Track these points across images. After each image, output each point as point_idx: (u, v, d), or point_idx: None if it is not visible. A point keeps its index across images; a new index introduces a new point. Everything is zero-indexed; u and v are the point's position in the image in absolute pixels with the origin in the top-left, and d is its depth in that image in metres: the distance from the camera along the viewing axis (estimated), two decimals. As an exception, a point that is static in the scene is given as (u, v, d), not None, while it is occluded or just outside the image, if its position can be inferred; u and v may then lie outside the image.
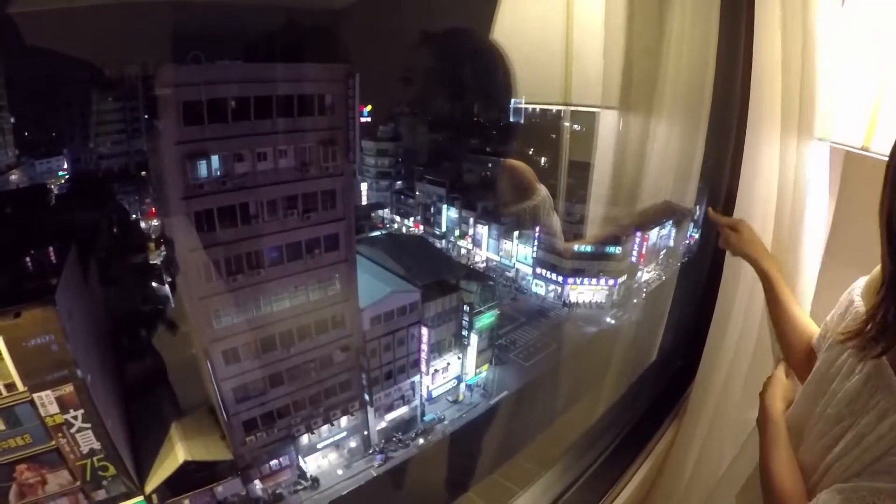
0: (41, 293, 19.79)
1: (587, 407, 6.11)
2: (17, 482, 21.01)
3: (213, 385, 25.41)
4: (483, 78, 61.54)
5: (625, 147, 6.54)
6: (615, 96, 5.89)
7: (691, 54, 5.12)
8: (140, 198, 47.50)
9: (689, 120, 5.64)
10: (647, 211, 6.08)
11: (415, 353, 30.75)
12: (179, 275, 27.35)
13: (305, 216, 25.12)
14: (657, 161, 6.08)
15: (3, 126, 45.03)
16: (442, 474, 8.88)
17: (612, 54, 5.57)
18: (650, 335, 6.03)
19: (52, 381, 19.98)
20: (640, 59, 5.47)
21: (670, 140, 5.94)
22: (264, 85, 23.55)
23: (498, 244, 50.32)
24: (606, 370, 6.67)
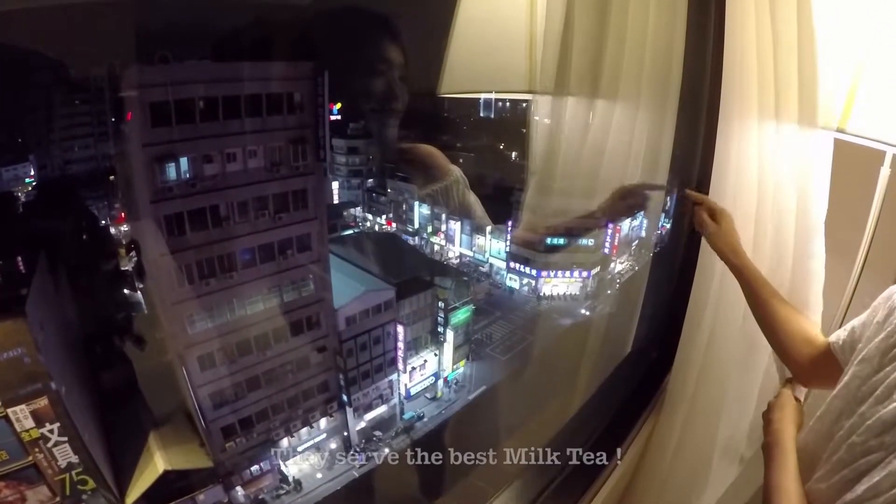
0: (10, 304, 20.26)
1: (564, 401, 6.19)
2: None
3: (189, 391, 25.01)
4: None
5: (565, 136, 6.53)
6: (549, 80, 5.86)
7: (654, 32, 5.15)
8: (109, 203, 46.63)
9: (652, 105, 5.67)
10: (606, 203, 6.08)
11: (391, 351, 30.64)
12: (151, 280, 27.55)
13: (277, 217, 24.68)
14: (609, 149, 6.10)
15: (-35, 134, 43.83)
16: (419, 476, 8.83)
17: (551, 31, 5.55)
18: (624, 327, 6.11)
19: (25, 395, 20.48)
20: (583, 37, 5.46)
21: (627, 126, 5.97)
22: (232, 84, 23.16)
23: (471, 239, 49.61)
24: (582, 364, 6.73)
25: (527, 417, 7.08)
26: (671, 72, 5.15)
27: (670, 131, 5.53)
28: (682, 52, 4.99)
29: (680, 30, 4.89)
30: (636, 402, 5.07)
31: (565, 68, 5.60)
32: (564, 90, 5.92)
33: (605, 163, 6.29)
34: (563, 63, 5.53)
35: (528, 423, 6.80)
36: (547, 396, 6.94)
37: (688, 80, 5.06)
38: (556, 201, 8.36)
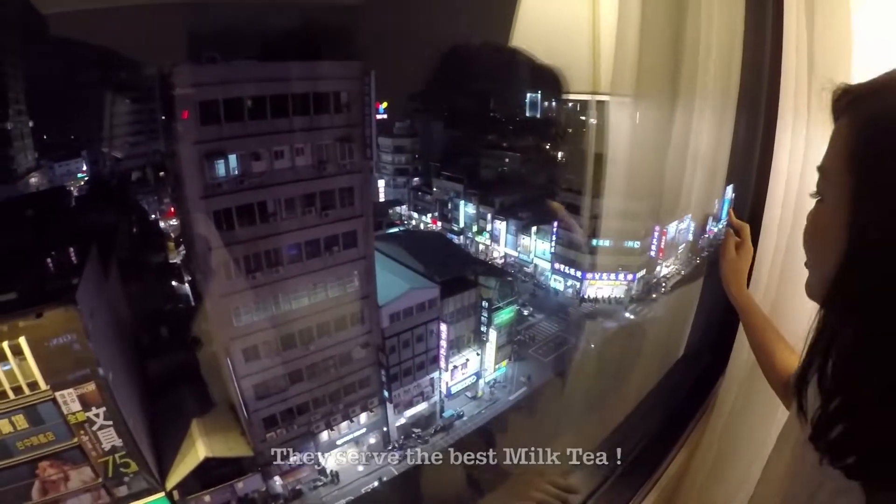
0: (62, 293, 20.53)
1: (612, 404, 6.02)
2: (39, 479, 21.70)
3: (233, 382, 25.69)
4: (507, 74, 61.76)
5: (641, 139, 6.40)
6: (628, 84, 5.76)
7: (717, 40, 5.02)
8: (159, 198, 47.97)
9: (714, 109, 5.53)
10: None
11: (434, 349, 30.76)
12: (199, 273, 27.85)
13: (323, 214, 25.33)
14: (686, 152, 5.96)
15: (22, 130, 45.77)
16: (460, 475, 8.72)
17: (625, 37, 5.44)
18: (677, 330, 5.92)
19: (74, 380, 20.69)
20: (656, 45, 5.35)
21: (693, 131, 5.81)
22: (280, 83, 23.63)
23: (516, 239, 50.60)
24: (630, 367, 6.59)
25: (572, 419, 6.95)
26: (731, 76, 5.02)
27: (729, 135, 5.39)
28: (740, 57, 4.86)
29: (738, 37, 4.76)
30: (688, 405, 4.91)
31: (636, 71, 5.49)
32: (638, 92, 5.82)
33: (672, 164, 6.14)
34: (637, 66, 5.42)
35: (574, 424, 6.68)
36: (592, 401, 6.82)
37: (746, 84, 4.91)
38: (629, 203, 8.22)
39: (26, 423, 20.68)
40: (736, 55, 4.84)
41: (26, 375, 20.03)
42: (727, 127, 5.41)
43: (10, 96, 45.18)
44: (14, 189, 43.38)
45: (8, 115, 45.14)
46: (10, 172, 45.18)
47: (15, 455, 20.99)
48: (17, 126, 46.52)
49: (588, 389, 7.32)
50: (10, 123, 45.36)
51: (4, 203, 37.07)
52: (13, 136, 45.81)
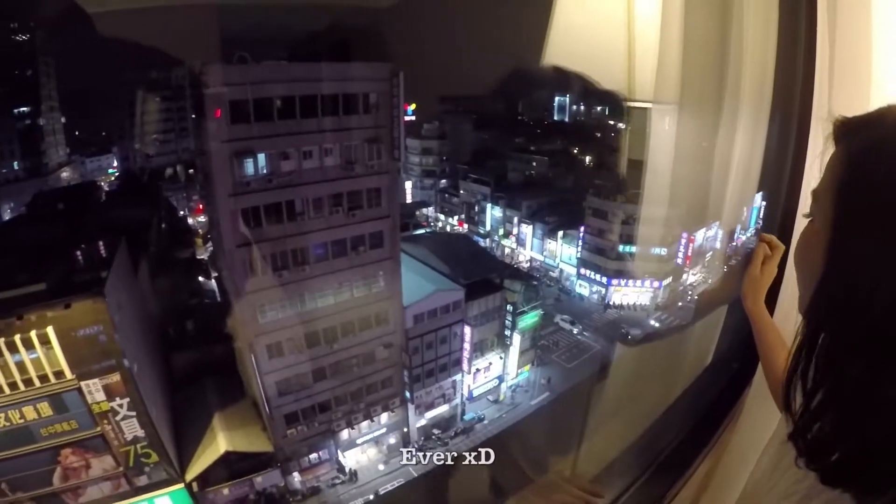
0: (91, 285, 20.91)
1: (637, 411, 5.97)
2: (61, 465, 22.07)
3: (256, 378, 26.00)
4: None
5: (682, 145, 6.36)
6: (672, 91, 5.72)
7: (752, 51, 4.98)
8: (188, 194, 48.68)
9: (748, 117, 5.49)
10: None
11: (457, 351, 30.78)
12: (226, 270, 28.17)
13: (350, 214, 25.45)
14: (717, 160, 5.91)
15: (54, 126, 46.68)
16: (482, 478, 8.68)
17: (668, 46, 5.41)
18: (705, 338, 5.89)
19: (99, 370, 21.03)
20: (698, 54, 5.32)
21: (730, 138, 5.77)
22: (309, 84, 23.81)
23: (542, 244, 50.59)
24: (657, 373, 6.54)
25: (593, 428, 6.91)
26: (764, 87, 4.99)
27: (761, 145, 5.36)
28: (773, 68, 4.83)
29: (772, 48, 4.72)
30: (715, 412, 4.87)
31: (679, 80, 5.46)
32: (680, 100, 5.78)
33: (704, 171, 6.09)
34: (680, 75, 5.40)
35: (596, 433, 6.63)
36: (616, 407, 6.78)
37: (779, 96, 4.88)
38: (658, 209, 8.21)
39: (51, 410, 21.04)
40: (769, 66, 4.80)
41: (53, 364, 20.41)
42: (759, 137, 5.37)
43: (42, 93, 46.33)
44: (45, 183, 44.37)
45: (41, 111, 46.31)
46: (41, 167, 46.30)
47: (38, 441, 21.33)
48: (49, 122, 47.67)
49: (615, 395, 7.28)
50: (42, 119, 46.50)
51: (36, 196, 37.92)
52: (45, 132, 46.96)
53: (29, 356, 19.94)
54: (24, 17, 43.26)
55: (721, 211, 6.94)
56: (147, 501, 24.10)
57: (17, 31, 43.69)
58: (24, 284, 20.23)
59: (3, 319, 19.63)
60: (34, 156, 45.55)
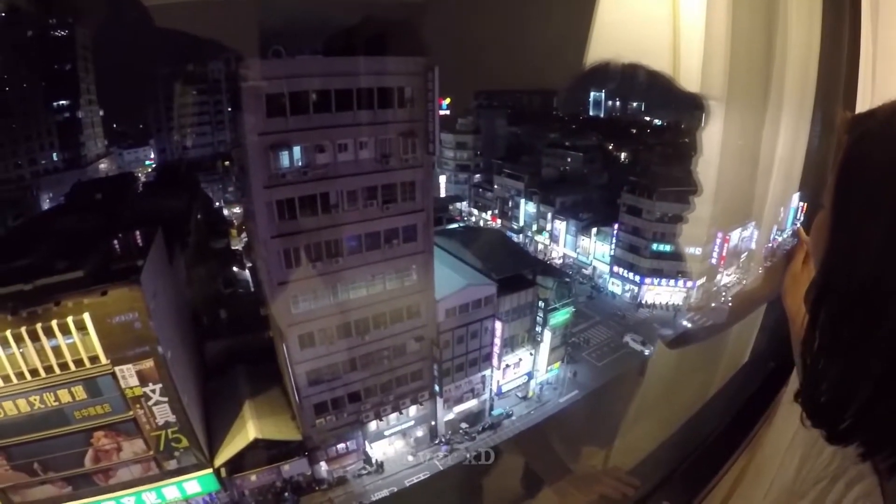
0: (127, 273, 21.59)
1: (672, 408, 5.93)
2: (93, 447, 23.01)
3: (287, 367, 26.45)
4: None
5: (725, 142, 6.30)
6: (718, 87, 5.66)
7: (795, 47, 4.91)
8: (223, 186, 49.35)
9: (791, 115, 5.42)
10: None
11: (487, 346, 30.77)
12: (260, 260, 28.54)
13: (385, 207, 25.54)
14: (759, 158, 5.86)
15: (92, 118, 47.68)
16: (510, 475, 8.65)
17: (713, 42, 5.36)
18: (742, 336, 5.84)
19: (133, 356, 21.74)
20: (743, 50, 5.26)
21: (773, 136, 5.71)
22: (345, 78, 23.90)
23: (576, 240, 50.39)
24: (692, 371, 6.49)
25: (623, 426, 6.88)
26: (807, 85, 4.93)
27: (803, 145, 5.29)
28: (817, 66, 4.76)
29: (815, 44, 4.66)
30: (750, 409, 4.83)
31: (723, 75, 5.41)
32: (727, 96, 5.73)
33: (745, 169, 6.03)
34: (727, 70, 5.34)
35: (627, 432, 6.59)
36: (648, 406, 6.74)
37: (822, 94, 4.82)
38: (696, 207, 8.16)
39: (85, 394, 21.88)
40: (812, 64, 4.74)
41: (88, 349, 21.21)
42: (802, 135, 5.30)
43: (81, 87, 47.38)
44: (84, 174, 45.39)
45: (79, 104, 47.35)
46: (80, 158, 47.41)
47: (72, 423, 22.21)
48: (87, 115, 48.78)
49: (648, 392, 7.25)
50: (81, 112, 47.56)
51: (74, 187, 38.76)
52: (84, 125, 48.09)
53: (65, 341, 20.74)
54: (63, 11, 44.14)
55: (758, 210, 6.88)
56: (176, 485, 24.97)
57: (57, 26, 44.63)
58: (62, 271, 20.99)
59: (41, 305, 20.32)
60: (73, 147, 46.81)
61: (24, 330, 19.87)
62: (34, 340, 20.11)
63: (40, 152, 44.81)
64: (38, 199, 43.11)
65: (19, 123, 43.22)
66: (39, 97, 44.25)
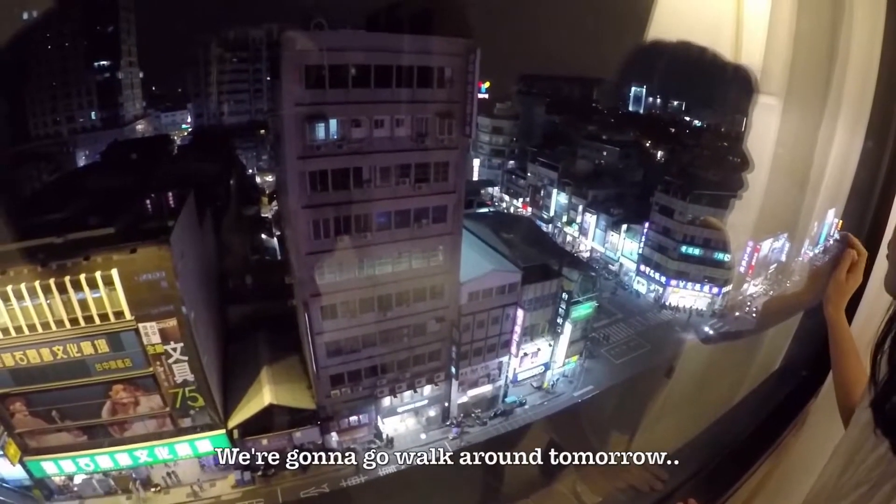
0: (157, 233, 22.12)
1: (699, 409, 5.94)
2: (111, 400, 23.72)
3: (307, 337, 26.74)
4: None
5: (779, 150, 6.22)
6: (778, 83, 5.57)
7: (856, 54, 4.83)
8: (257, 154, 49.79)
9: (845, 125, 5.33)
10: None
11: (507, 333, 30.85)
12: (289, 229, 28.97)
13: (417, 186, 25.57)
14: (812, 169, 5.78)
15: (132, 80, 48.34)
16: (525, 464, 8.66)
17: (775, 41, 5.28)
18: (775, 342, 5.80)
19: (158, 314, 22.39)
20: (804, 54, 5.18)
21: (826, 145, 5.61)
22: (386, 54, 23.85)
23: (605, 235, 50.03)
24: (720, 374, 6.48)
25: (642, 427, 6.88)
26: (865, 90, 4.85)
27: (857, 146, 5.21)
28: (876, 73, 4.68)
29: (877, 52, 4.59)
30: (779, 417, 4.81)
31: (785, 79, 5.36)
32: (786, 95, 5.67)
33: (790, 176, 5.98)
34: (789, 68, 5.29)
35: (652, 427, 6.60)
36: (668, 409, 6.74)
37: (880, 100, 4.73)
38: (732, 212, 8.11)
39: (107, 347, 22.51)
40: (872, 73, 4.66)
41: (114, 305, 21.83)
42: (855, 148, 5.22)
43: (122, 48, 48.02)
44: (121, 134, 46.10)
45: (120, 65, 48.00)
46: (118, 118, 48.14)
47: (92, 375, 22.91)
48: (127, 76, 49.46)
49: (673, 392, 7.24)
50: (121, 73, 48.23)
51: (111, 146, 39.40)
52: (124, 86, 48.76)
53: (92, 295, 21.40)
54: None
55: (795, 222, 6.81)
56: (188, 442, 25.60)
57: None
58: (93, 227, 21.61)
59: (71, 259, 20.96)
60: (111, 107, 47.61)
61: (52, 282, 20.46)
62: (62, 293, 20.75)
63: (79, 110, 45.84)
64: (74, 156, 44.45)
65: (60, 81, 44.20)
66: (81, 56, 44.95)
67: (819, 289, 3.29)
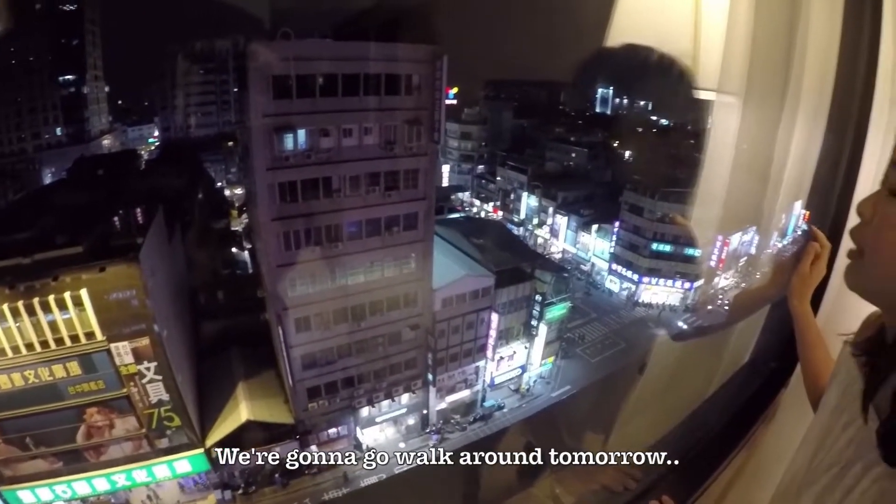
0: (127, 251, 21.53)
1: (671, 405, 5.97)
2: (86, 423, 23.06)
3: (282, 350, 26.42)
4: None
5: (737, 143, 6.29)
6: (737, 82, 5.64)
7: (814, 47, 4.90)
8: (226, 166, 49.40)
9: (805, 118, 5.41)
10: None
11: (482, 337, 30.97)
12: (259, 242, 28.42)
13: (387, 194, 25.49)
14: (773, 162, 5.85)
15: (97, 94, 47.69)
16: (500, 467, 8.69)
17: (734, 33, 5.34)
18: (743, 335, 5.87)
19: (130, 334, 21.78)
20: (763, 49, 5.24)
21: (786, 139, 5.69)
22: (353, 63, 23.81)
23: (576, 236, 50.36)
24: (691, 369, 6.53)
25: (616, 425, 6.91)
26: (824, 85, 4.92)
27: (816, 146, 5.28)
28: (835, 66, 4.75)
29: (835, 45, 4.66)
30: (750, 409, 4.86)
31: (745, 71, 5.41)
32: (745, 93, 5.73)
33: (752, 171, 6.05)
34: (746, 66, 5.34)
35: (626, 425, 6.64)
36: (642, 406, 6.77)
37: (838, 94, 4.80)
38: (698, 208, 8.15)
39: (80, 369, 21.93)
40: (831, 66, 4.73)
41: (84, 325, 21.24)
42: (815, 139, 5.29)
43: (87, 61, 47.41)
44: (87, 149, 45.48)
45: (85, 79, 47.39)
46: (84, 133, 47.49)
47: (66, 399, 22.29)
48: (93, 90, 48.84)
49: (645, 389, 7.29)
50: (86, 88, 47.61)
51: (77, 162, 38.86)
52: (89, 100, 48.13)
53: (62, 316, 20.80)
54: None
55: (762, 215, 6.88)
56: (167, 464, 25.02)
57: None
58: (61, 246, 21.07)
59: (39, 279, 20.35)
60: (77, 122, 46.91)
61: (21, 304, 19.88)
62: (31, 315, 20.15)
63: (44, 126, 44.73)
64: (40, 173, 43.22)
65: (24, 96, 43.15)
66: (46, 70, 43.89)
67: (784, 282, 3.33)
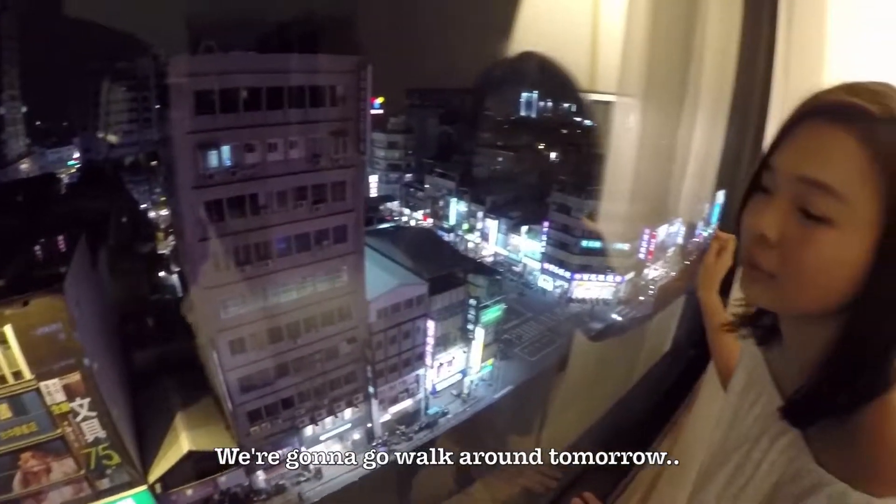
0: (50, 282, 20.32)
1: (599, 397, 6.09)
2: (21, 470, 21.50)
3: (219, 375, 25.69)
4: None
5: (643, 140, 6.47)
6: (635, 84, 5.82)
7: (714, 42, 5.09)
8: (150, 187, 48.01)
9: (708, 112, 5.60)
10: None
11: (420, 346, 31.09)
12: (188, 264, 27.50)
13: (314, 207, 25.30)
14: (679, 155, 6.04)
15: (14, 115, 45.76)
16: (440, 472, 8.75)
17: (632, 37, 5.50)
18: (663, 325, 6.03)
19: (59, 370, 20.52)
20: (662, 46, 5.41)
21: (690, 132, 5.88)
22: (276, 75, 23.47)
23: (506, 238, 50.78)
24: (617, 362, 6.67)
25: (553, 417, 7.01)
26: (725, 81, 5.10)
27: (720, 139, 5.48)
28: (735, 62, 4.93)
29: (734, 42, 4.84)
30: (672, 397, 4.97)
31: (644, 73, 5.56)
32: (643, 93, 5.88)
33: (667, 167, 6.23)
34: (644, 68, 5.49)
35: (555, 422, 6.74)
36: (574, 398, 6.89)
37: (739, 90, 4.99)
38: (621, 205, 8.31)
39: (9, 412, 20.56)
40: (730, 60, 4.91)
41: (11, 364, 19.91)
42: (719, 130, 5.49)
43: (3, 81, 45.27)
44: (3, 174, 43.43)
45: (1, 100, 45.29)
46: (0, 158, 45.26)
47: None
48: (10, 111, 46.66)
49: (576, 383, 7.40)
50: (2, 109, 45.45)
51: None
52: (6, 122, 45.92)
53: None
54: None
55: (681, 207, 7.09)
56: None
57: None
58: None
59: None
60: (-7, 146, 44.71)
61: (-58, 347, 18.63)
62: (-46, 358, 18.92)
63: (-44, 151, 42.43)
64: (-47, 202, 41.07)
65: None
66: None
67: (692, 273, 3.46)
